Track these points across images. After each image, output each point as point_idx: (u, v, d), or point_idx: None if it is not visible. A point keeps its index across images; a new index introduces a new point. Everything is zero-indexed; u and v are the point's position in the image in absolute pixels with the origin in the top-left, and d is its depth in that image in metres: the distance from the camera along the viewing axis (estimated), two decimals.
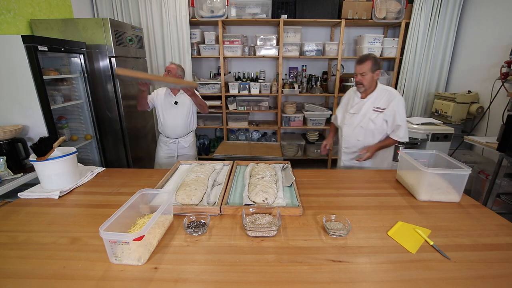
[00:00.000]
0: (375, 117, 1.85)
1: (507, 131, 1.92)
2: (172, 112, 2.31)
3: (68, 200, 1.38)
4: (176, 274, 0.87)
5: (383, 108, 1.84)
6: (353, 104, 1.95)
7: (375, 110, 1.86)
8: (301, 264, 0.92)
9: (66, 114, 2.49)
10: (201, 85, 3.67)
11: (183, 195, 1.29)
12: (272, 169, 1.61)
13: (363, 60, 1.77)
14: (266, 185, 1.35)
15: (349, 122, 1.98)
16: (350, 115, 1.96)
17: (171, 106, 2.29)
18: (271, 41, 3.47)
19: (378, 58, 1.81)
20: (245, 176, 1.55)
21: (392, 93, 1.84)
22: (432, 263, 0.92)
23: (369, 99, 1.88)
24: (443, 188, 1.33)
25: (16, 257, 0.95)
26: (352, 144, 1.98)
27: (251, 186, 1.38)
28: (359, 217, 1.20)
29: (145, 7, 3.28)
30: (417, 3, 3.23)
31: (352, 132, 1.96)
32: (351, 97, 2.01)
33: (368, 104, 1.88)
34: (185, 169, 1.71)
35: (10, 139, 1.78)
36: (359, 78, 1.81)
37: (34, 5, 2.46)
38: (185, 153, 2.44)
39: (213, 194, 1.40)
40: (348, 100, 2.04)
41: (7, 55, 1.81)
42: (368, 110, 1.88)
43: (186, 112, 2.33)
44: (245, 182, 1.48)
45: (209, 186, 1.44)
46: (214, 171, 1.62)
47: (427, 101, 3.63)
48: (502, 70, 2.46)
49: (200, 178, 1.46)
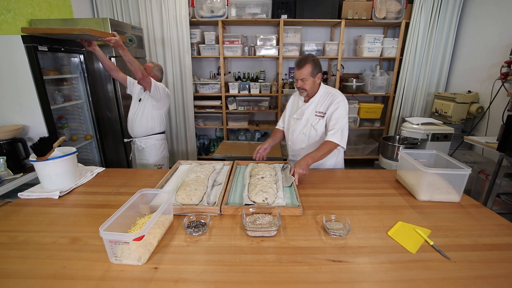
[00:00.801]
0: (317, 123, 1.71)
1: (507, 131, 1.92)
2: (134, 107, 2.20)
3: (68, 200, 1.38)
4: (176, 274, 0.87)
5: (324, 113, 1.69)
6: (297, 108, 1.83)
7: (317, 115, 1.72)
8: (301, 264, 0.92)
9: (66, 114, 2.49)
10: (201, 85, 3.67)
11: (183, 195, 1.29)
12: (272, 169, 1.61)
13: (302, 64, 1.60)
14: (266, 185, 1.35)
15: (293, 128, 1.84)
16: (294, 120, 1.83)
17: (137, 101, 2.19)
18: (271, 41, 3.47)
19: (317, 59, 1.65)
20: (245, 176, 1.55)
21: (334, 95, 1.69)
22: (432, 263, 0.92)
23: (312, 103, 1.74)
24: (443, 188, 1.33)
25: (16, 257, 0.95)
26: (297, 152, 1.83)
27: (251, 186, 1.38)
28: (359, 217, 1.20)
29: (145, 7, 3.28)
30: (417, 3, 3.23)
31: (296, 139, 1.82)
32: (295, 101, 1.89)
33: (311, 109, 1.75)
34: (185, 169, 1.71)
35: (10, 139, 1.78)
36: (300, 84, 1.66)
37: (34, 5, 2.46)
38: (142, 158, 2.25)
39: (213, 194, 1.40)
40: (292, 103, 1.92)
41: (7, 55, 1.81)
42: (310, 115, 1.74)
43: (145, 112, 2.17)
44: (245, 182, 1.47)
45: (209, 186, 1.44)
46: (214, 171, 1.62)
47: (427, 101, 3.63)
48: (502, 70, 2.46)
49: (200, 178, 1.46)
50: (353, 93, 3.65)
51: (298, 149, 1.83)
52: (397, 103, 3.61)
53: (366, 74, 3.64)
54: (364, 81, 3.62)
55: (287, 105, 1.96)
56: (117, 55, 2.58)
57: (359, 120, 3.73)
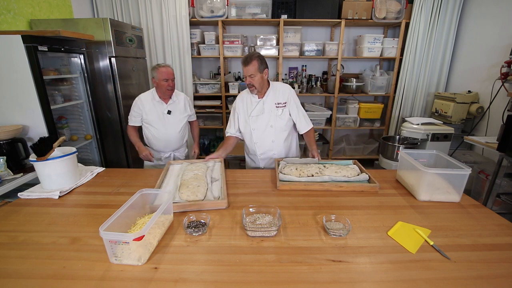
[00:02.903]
0: (281, 113, 1.83)
1: (507, 131, 1.92)
2: (164, 124, 2.05)
3: (68, 200, 1.38)
4: (176, 274, 0.87)
5: (285, 102, 1.83)
6: (253, 106, 1.86)
7: (278, 106, 1.83)
8: (301, 264, 0.92)
9: (66, 114, 2.49)
10: (201, 85, 3.67)
11: (187, 193, 1.31)
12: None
13: (248, 61, 1.68)
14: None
15: (256, 125, 1.86)
16: (255, 118, 1.85)
17: (162, 116, 2.04)
18: (271, 41, 3.47)
19: (263, 56, 1.74)
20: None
21: (285, 86, 1.87)
22: (432, 263, 0.92)
23: (268, 97, 1.83)
24: (443, 188, 1.33)
25: (16, 257, 0.95)
26: (268, 148, 1.89)
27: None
28: (359, 217, 1.20)
29: (145, 7, 3.28)
30: (417, 3, 3.23)
31: (263, 135, 1.86)
32: (246, 100, 1.90)
33: (269, 102, 1.83)
34: (178, 168, 1.70)
35: (10, 139, 1.78)
36: (248, 80, 1.73)
37: (34, 5, 2.46)
38: None
39: (214, 189, 1.42)
40: (242, 105, 1.91)
41: (7, 55, 1.81)
42: (271, 108, 1.83)
43: (180, 122, 2.11)
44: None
45: (209, 183, 1.47)
46: (208, 169, 1.65)
47: (427, 101, 3.63)
48: (502, 70, 2.46)
49: (199, 175, 1.49)
50: (353, 93, 3.65)
51: (269, 144, 1.87)
52: (397, 103, 3.61)
53: (366, 74, 3.64)
54: (364, 81, 3.61)
55: (236, 109, 1.93)
56: (117, 55, 2.58)
57: (359, 120, 3.72)
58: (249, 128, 1.88)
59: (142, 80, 3.10)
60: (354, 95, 3.70)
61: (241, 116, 1.91)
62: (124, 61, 2.71)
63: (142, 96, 2.07)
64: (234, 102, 1.95)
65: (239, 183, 1.56)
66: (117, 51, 2.57)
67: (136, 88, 2.96)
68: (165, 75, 1.93)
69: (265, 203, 1.30)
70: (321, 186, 1.45)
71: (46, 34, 1.96)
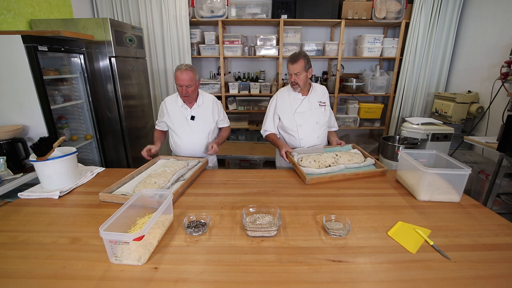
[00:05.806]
0: (324, 111, 1.94)
1: (507, 131, 1.92)
2: (187, 129, 1.89)
3: (68, 200, 1.38)
4: (176, 274, 0.87)
5: (324, 102, 1.95)
6: (297, 103, 1.90)
7: (321, 104, 1.93)
8: (301, 264, 0.92)
9: (66, 114, 2.49)
10: (201, 85, 3.66)
11: (140, 187, 1.36)
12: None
13: (295, 59, 1.73)
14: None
15: (302, 121, 1.90)
16: (301, 115, 1.89)
17: (186, 121, 1.88)
18: (271, 41, 3.47)
19: (308, 55, 1.79)
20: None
21: (323, 88, 2.00)
22: (432, 263, 0.92)
23: (312, 95, 1.92)
24: (443, 188, 1.33)
25: (16, 257, 0.95)
26: (313, 143, 1.93)
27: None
28: (359, 217, 1.20)
29: (145, 7, 3.28)
30: (417, 3, 3.23)
31: (309, 130, 1.91)
32: (289, 98, 1.91)
33: (313, 100, 1.92)
34: (160, 163, 1.75)
35: (10, 139, 1.78)
36: (294, 78, 1.79)
37: (34, 5, 2.46)
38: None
39: (173, 189, 1.43)
40: (284, 102, 1.92)
41: (7, 55, 1.81)
42: (315, 105, 1.92)
43: (206, 129, 1.92)
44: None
45: (171, 181, 1.48)
46: (185, 168, 1.66)
47: (427, 101, 3.63)
48: (502, 70, 2.46)
49: (166, 172, 1.51)
50: (353, 93, 3.64)
51: (314, 139, 1.93)
52: (397, 103, 3.61)
53: (366, 74, 3.64)
54: (364, 81, 3.61)
55: (276, 107, 1.93)
56: (117, 55, 2.58)
57: (359, 120, 3.72)
58: (295, 124, 1.91)
59: (142, 80, 3.10)
60: (354, 95, 3.70)
61: (285, 114, 1.93)
62: (124, 61, 2.70)
63: (168, 99, 1.93)
64: (272, 100, 1.98)
65: (239, 183, 1.56)
66: (117, 51, 2.57)
67: (136, 88, 2.96)
68: (178, 81, 1.72)
69: (265, 203, 1.30)
70: (344, 176, 1.59)
71: (46, 34, 1.97)
